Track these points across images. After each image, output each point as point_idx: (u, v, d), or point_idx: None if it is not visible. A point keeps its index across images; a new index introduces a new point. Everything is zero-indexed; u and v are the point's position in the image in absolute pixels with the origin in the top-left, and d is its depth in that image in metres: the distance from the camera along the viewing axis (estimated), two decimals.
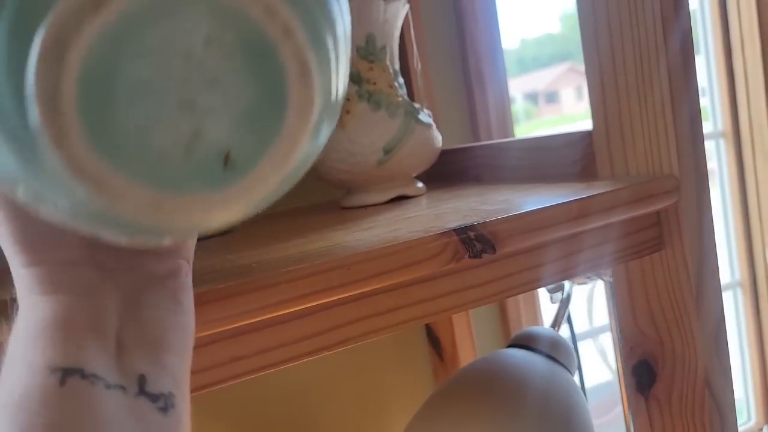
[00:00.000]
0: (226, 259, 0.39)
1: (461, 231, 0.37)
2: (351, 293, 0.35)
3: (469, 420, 0.50)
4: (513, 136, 0.79)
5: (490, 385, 0.52)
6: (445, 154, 0.66)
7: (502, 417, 0.49)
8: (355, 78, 0.57)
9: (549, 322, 0.63)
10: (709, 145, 1.23)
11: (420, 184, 0.60)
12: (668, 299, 0.47)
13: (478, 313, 0.82)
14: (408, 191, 0.58)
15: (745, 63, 1.14)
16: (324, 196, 0.71)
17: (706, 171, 0.45)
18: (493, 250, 0.38)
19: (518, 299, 0.82)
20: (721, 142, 1.20)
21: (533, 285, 0.42)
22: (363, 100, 0.57)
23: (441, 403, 0.52)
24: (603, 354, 0.90)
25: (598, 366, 0.99)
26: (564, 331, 0.63)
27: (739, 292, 1.22)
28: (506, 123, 0.78)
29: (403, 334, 0.80)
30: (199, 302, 0.30)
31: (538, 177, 0.55)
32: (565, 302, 0.62)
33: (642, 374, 0.49)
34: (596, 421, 0.57)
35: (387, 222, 0.45)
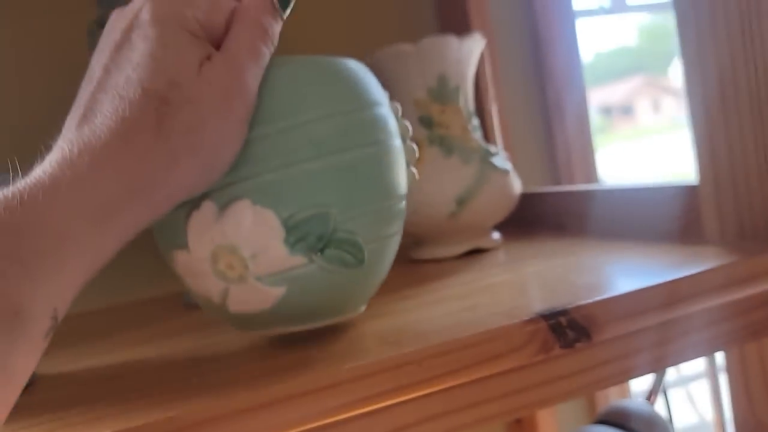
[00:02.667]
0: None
1: (551, 317, 0.32)
2: (422, 393, 0.30)
3: None
4: (596, 174, 0.73)
5: None
6: (524, 198, 0.60)
7: None
8: (425, 122, 0.52)
9: (642, 393, 0.56)
10: None
11: (496, 236, 0.55)
12: None
13: None
14: (483, 244, 0.53)
15: None
16: None
17: None
18: (589, 338, 0.32)
19: None
20: None
21: (631, 374, 0.36)
22: (434, 145, 0.52)
23: None
24: None
25: None
26: (659, 405, 0.56)
27: None
28: (588, 160, 0.72)
29: None
30: (245, 408, 0.27)
31: (631, 233, 0.48)
32: (661, 371, 0.55)
33: None
34: None
35: (462, 290, 0.40)
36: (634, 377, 0.37)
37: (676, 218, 0.45)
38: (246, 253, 0.29)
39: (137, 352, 0.40)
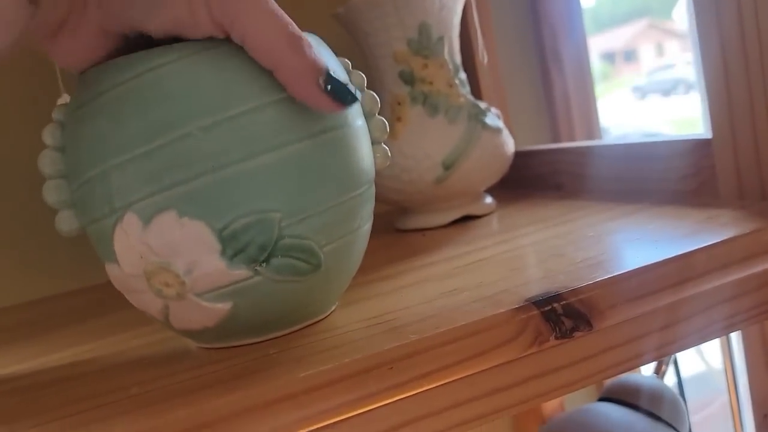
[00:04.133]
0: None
1: (544, 303, 0.27)
2: (392, 399, 0.26)
3: None
4: (598, 128, 0.67)
5: None
6: (519, 156, 0.55)
7: None
8: (406, 77, 0.47)
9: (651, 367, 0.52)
10: None
11: (488, 200, 0.50)
12: None
13: None
14: (474, 210, 0.48)
15: None
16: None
17: None
18: (589, 326, 0.28)
19: None
20: None
21: (639, 362, 0.32)
22: (417, 104, 0.47)
23: None
24: None
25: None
26: (670, 378, 0.52)
27: None
28: (590, 113, 0.67)
29: None
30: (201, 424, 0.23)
31: (637, 194, 0.44)
32: None
33: None
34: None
35: (447, 268, 0.36)
36: (642, 365, 0.32)
37: (687, 177, 0.40)
38: (179, 269, 0.25)
39: (91, 348, 0.36)
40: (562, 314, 0.28)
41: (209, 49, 0.25)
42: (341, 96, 0.25)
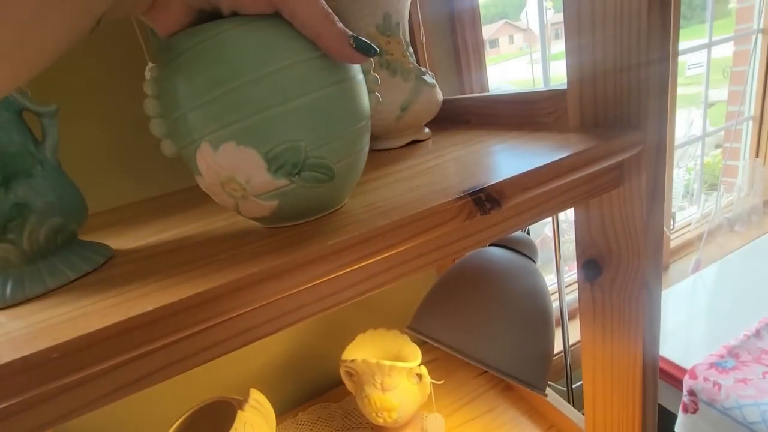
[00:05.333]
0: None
1: (474, 193, 0.25)
2: (387, 254, 0.24)
3: (466, 298, 0.41)
4: (487, 86, 0.63)
5: (479, 272, 0.43)
6: (444, 103, 0.51)
7: (492, 297, 0.40)
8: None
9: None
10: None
11: (427, 130, 0.46)
12: (620, 219, 0.35)
13: None
14: (419, 136, 0.45)
15: None
16: None
17: (666, 119, 0.31)
18: (500, 206, 0.26)
19: None
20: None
21: (524, 225, 0.31)
22: (383, 69, 0.42)
23: (444, 289, 0.43)
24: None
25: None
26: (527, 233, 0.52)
27: None
28: (482, 79, 0.62)
29: None
30: (269, 276, 0.21)
31: (519, 125, 0.41)
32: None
33: (590, 269, 0.39)
34: None
35: (409, 173, 0.33)
36: (529, 225, 0.31)
37: (550, 113, 0.38)
38: (241, 180, 0.22)
39: (188, 230, 0.32)
40: (485, 200, 0.26)
41: (254, 21, 0.20)
42: (366, 51, 0.21)
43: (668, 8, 0.28)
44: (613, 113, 0.32)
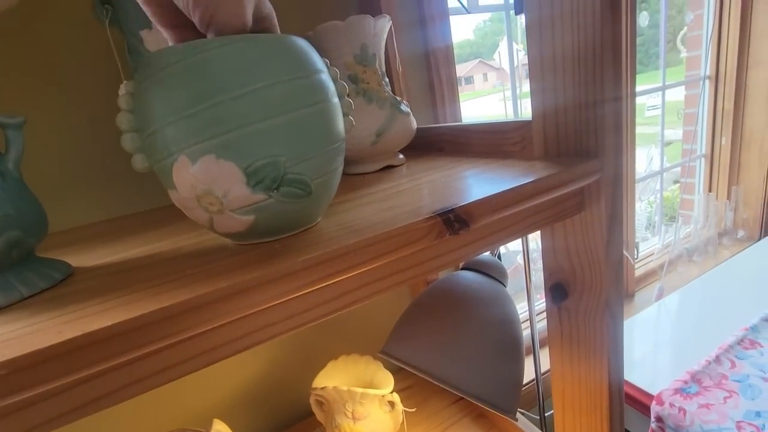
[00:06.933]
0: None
1: (444, 214, 0.26)
2: (358, 271, 0.24)
3: (439, 322, 0.41)
4: (461, 117, 0.66)
5: (451, 296, 0.43)
6: (418, 131, 0.53)
7: (464, 321, 0.41)
8: (353, 79, 0.43)
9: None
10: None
11: (401, 156, 0.48)
12: (583, 244, 0.37)
13: None
14: (393, 162, 0.46)
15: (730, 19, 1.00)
16: None
17: (621, 151, 0.34)
18: (468, 227, 0.27)
19: None
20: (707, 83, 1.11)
21: (495, 246, 0.32)
22: (359, 96, 0.43)
23: (417, 313, 0.43)
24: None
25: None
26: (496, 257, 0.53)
27: None
28: (456, 108, 0.65)
29: None
30: (238, 291, 0.20)
31: (488, 153, 0.43)
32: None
33: (556, 292, 0.41)
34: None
35: (382, 195, 0.34)
36: (498, 247, 0.32)
37: (517, 143, 0.40)
38: (219, 194, 0.22)
39: (155, 247, 0.32)
40: (454, 220, 0.27)
41: (235, 42, 0.21)
42: None
43: (619, 55, 0.31)
44: (574, 144, 0.34)
